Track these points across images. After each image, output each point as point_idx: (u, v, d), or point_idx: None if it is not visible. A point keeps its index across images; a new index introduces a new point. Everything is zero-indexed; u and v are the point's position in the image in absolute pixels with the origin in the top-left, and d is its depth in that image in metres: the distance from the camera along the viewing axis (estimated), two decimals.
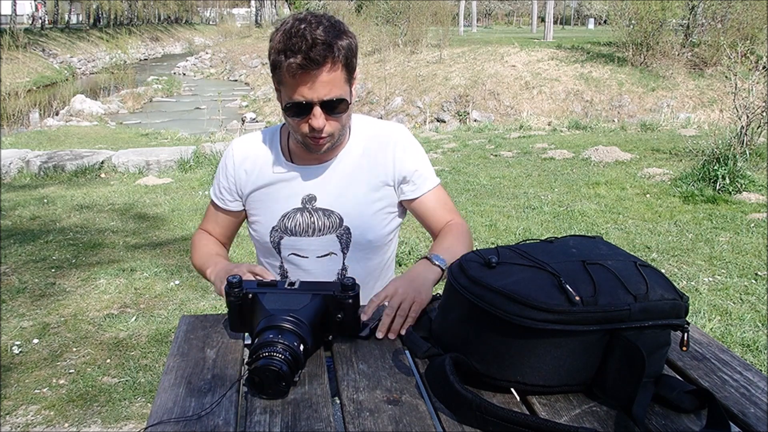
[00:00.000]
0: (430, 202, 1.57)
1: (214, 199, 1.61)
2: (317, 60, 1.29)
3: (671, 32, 16.26)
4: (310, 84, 1.31)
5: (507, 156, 7.90)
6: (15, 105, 15.11)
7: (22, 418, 2.55)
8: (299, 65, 1.28)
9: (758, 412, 0.98)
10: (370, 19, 22.52)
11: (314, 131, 1.37)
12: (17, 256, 4.35)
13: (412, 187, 1.54)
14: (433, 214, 1.57)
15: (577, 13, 63.12)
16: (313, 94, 1.32)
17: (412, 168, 1.53)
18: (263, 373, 0.98)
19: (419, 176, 1.54)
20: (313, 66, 1.29)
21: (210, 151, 7.40)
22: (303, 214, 1.50)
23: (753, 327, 3.20)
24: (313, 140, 1.40)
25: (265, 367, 0.98)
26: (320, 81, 1.31)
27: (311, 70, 1.30)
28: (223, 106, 11.68)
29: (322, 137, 1.39)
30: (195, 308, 3.57)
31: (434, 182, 1.57)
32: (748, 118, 6.56)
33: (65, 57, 30.35)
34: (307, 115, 1.35)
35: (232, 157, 1.55)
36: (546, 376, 1.00)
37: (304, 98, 1.33)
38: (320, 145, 1.41)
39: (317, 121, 1.35)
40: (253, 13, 53.56)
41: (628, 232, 4.74)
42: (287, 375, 0.99)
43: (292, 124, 1.40)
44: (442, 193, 1.60)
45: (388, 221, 1.56)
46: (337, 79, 1.34)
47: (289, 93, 1.34)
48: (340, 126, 1.41)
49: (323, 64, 1.30)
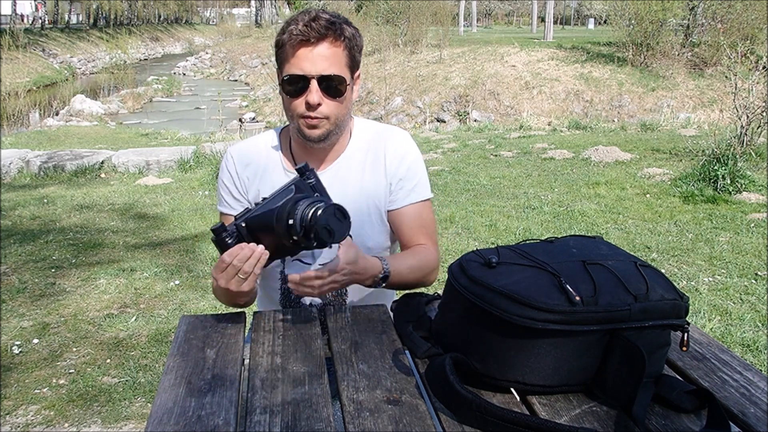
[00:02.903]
0: (406, 217, 1.49)
1: (227, 211, 1.52)
2: (319, 30, 1.28)
3: (671, 32, 16.26)
4: (310, 56, 1.30)
5: (507, 156, 7.90)
6: (15, 105, 15.11)
7: (22, 418, 2.55)
8: (300, 32, 1.28)
9: (758, 412, 0.98)
10: (370, 19, 22.51)
11: (310, 109, 1.33)
12: (17, 256, 4.35)
13: (393, 197, 1.49)
14: (407, 231, 1.49)
15: (577, 13, 63.11)
16: (311, 67, 1.30)
17: (399, 176, 1.48)
18: (334, 214, 1.11)
19: (401, 188, 1.48)
20: (314, 35, 1.28)
21: (210, 151, 7.40)
22: None
23: (753, 327, 3.20)
24: (308, 121, 1.35)
25: (333, 207, 1.11)
26: (320, 54, 1.30)
27: (311, 40, 1.28)
28: (223, 106, 11.67)
29: (318, 117, 1.35)
30: (195, 308, 3.57)
31: (420, 197, 1.49)
32: (748, 118, 6.56)
33: (65, 57, 30.34)
34: (304, 91, 1.32)
35: (233, 164, 1.51)
36: (546, 376, 1.00)
37: (302, 71, 1.31)
38: (314, 127, 1.36)
39: (313, 96, 1.32)
40: (253, 13, 53.56)
41: (628, 232, 4.74)
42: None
43: (287, 104, 1.37)
44: (426, 212, 1.52)
45: (388, 227, 1.54)
46: (338, 57, 1.32)
47: (288, 68, 1.32)
48: (336, 111, 1.37)
49: (325, 36, 1.29)
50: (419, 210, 1.50)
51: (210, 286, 3.81)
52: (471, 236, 4.70)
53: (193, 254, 4.40)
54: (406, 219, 1.49)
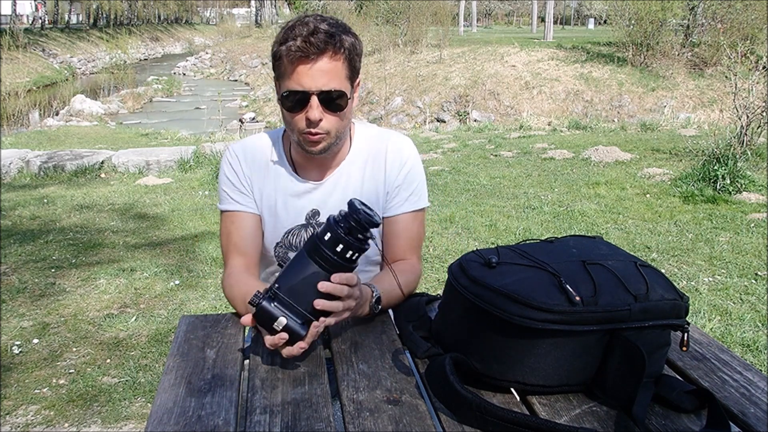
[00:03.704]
0: (397, 225, 1.47)
1: (232, 208, 1.46)
2: (318, 45, 1.25)
3: (671, 32, 16.26)
4: (309, 72, 1.27)
5: (507, 156, 7.90)
6: (15, 105, 15.12)
7: (22, 418, 2.55)
8: (299, 48, 1.25)
9: (758, 412, 0.98)
10: (370, 19, 22.52)
11: (311, 125, 1.31)
12: (17, 256, 4.35)
13: (389, 204, 1.47)
14: (394, 240, 1.47)
15: (577, 13, 63.12)
16: (311, 83, 1.27)
17: (397, 184, 1.46)
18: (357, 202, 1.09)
19: (397, 194, 1.46)
20: (313, 51, 1.25)
21: (210, 151, 7.40)
22: (307, 230, 1.47)
23: (753, 327, 3.20)
24: (309, 137, 1.33)
25: (351, 199, 1.10)
26: (319, 69, 1.27)
27: (311, 56, 1.26)
28: (223, 106, 11.68)
29: (319, 133, 1.32)
30: (195, 308, 3.57)
31: (414, 206, 1.47)
32: (748, 118, 6.56)
33: (65, 57, 30.33)
34: (304, 107, 1.30)
35: (236, 159, 1.47)
36: (546, 376, 1.00)
37: (302, 87, 1.28)
38: (315, 143, 1.34)
39: (313, 113, 1.29)
40: (253, 13, 53.56)
41: (628, 232, 4.74)
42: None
43: (287, 118, 1.34)
44: (418, 222, 1.49)
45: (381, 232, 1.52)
46: (337, 71, 1.29)
47: (286, 83, 1.30)
48: (338, 125, 1.34)
49: (324, 51, 1.26)
50: (412, 220, 1.47)
51: (210, 286, 3.83)
52: (471, 236, 4.70)
53: (193, 254, 4.40)
54: (396, 228, 1.47)
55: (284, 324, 1.06)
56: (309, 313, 1.08)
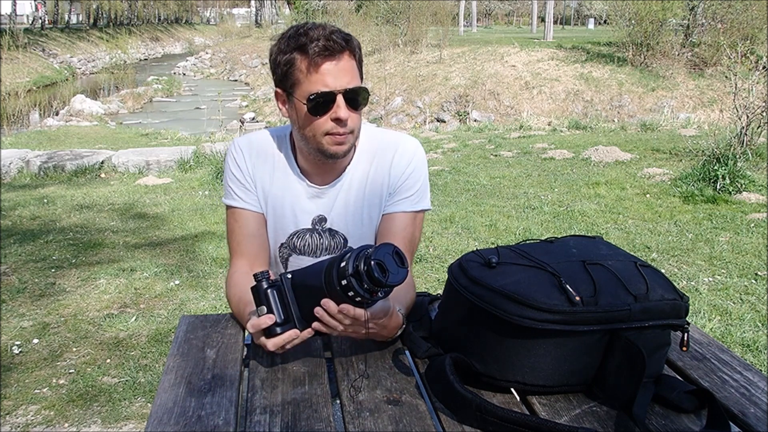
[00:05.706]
0: (393, 223, 1.43)
1: (236, 204, 1.44)
2: (340, 44, 1.27)
3: (671, 32, 16.26)
4: (334, 70, 1.27)
5: (507, 156, 7.90)
6: (15, 105, 15.12)
7: (22, 418, 2.55)
8: (325, 47, 1.25)
9: (758, 412, 0.98)
10: (370, 19, 22.52)
11: (339, 124, 1.29)
12: (17, 256, 4.35)
13: (389, 201, 1.45)
14: (389, 241, 1.37)
15: (577, 13, 63.11)
16: (336, 82, 1.27)
17: (398, 185, 1.44)
18: (391, 253, 1.02)
19: (396, 192, 1.44)
20: (337, 49, 1.26)
21: (210, 151, 7.40)
22: (312, 235, 1.46)
23: (753, 327, 3.20)
24: (336, 137, 1.31)
25: (391, 246, 1.03)
26: (342, 68, 1.28)
27: (335, 54, 1.26)
28: (223, 106, 11.67)
29: (346, 133, 1.31)
30: (195, 308, 3.57)
31: (414, 207, 1.44)
32: (748, 118, 6.56)
33: (65, 57, 30.33)
34: (329, 108, 1.28)
35: (241, 155, 1.44)
36: (546, 376, 1.00)
37: (327, 87, 1.27)
38: (341, 143, 1.32)
39: (342, 111, 1.28)
40: (253, 13, 53.58)
41: (628, 232, 4.74)
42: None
43: (308, 123, 1.31)
44: (416, 224, 1.46)
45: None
46: (355, 69, 1.31)
47: (310, 86, 1.28)
48: (359, 123, 1.35)
49: (344, 50, 1.28)
50: (410, 220, 1.44)
51: (210, 286, 3.83)
52: (471, 236, 4.70)
53: (193, 254, 4.40)
54: (393, 225, 1.43)
55: (264, 313, 1.07)
56: (298, 318, 1.08)
